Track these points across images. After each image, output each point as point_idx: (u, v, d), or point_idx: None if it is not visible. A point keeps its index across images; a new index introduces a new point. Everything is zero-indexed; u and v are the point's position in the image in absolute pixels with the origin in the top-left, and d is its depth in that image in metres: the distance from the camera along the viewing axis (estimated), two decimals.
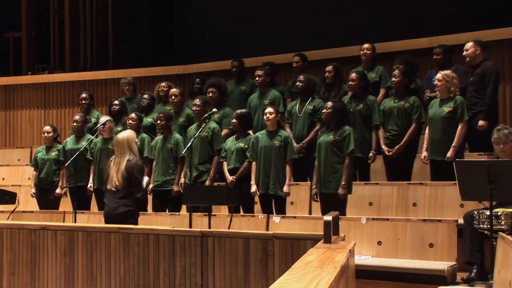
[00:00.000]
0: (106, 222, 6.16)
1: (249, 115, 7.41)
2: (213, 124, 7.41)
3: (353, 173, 7.00)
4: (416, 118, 7.05)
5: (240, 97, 8.57)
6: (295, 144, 7.23)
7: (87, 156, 8.06)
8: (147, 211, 7.60)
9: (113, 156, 6.29)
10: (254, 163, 6.96)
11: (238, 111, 7.30)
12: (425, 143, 6.90)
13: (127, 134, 6.33)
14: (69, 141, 8.37)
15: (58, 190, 8.23)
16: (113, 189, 6.13)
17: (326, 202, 6.53)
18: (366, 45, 7.99)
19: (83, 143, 7.94)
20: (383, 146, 7.17)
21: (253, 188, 6.89)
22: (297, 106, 7.63)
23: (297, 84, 7.65)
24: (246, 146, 7.11)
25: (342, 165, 6.43)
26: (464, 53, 7.19)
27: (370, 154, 7.22)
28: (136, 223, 6.14)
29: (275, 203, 6.95)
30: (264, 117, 6.99)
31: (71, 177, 8.01)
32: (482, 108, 6.97)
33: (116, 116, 8.43)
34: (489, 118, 6.92)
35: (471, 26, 8.19)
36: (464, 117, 6.63)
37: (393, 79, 7.22)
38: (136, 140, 6.39)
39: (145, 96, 8.77)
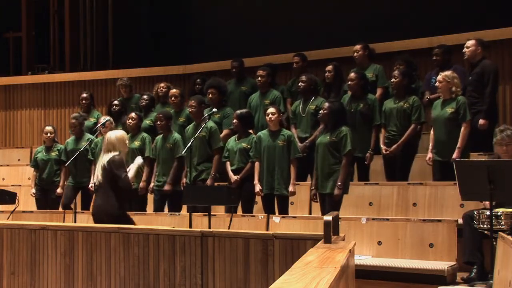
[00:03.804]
0: (94, 221, 6.11)
1: (249, 115, 7.41)
2: (210, 124, 7.41)
3: (351, 174, 7.00)
4: (416, 118, 7.03)
5: (241, 97, 8.56)
6: (298, 144, 7.23)
7: (88, 156, 8.07)
8: (146, 211, 7.61)
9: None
10: (257, 163, 6.96)
11: (238, 111, 7.30)
12: (430, 144, 6.88)
13: (117, 133, 6.27)
14: (69, 142, 8.40)
15: (59, 190, 8.25)
16: (96, 183, 6.14)
17: (323, 202, 6.54)
18: (357, 47, 7.96)
19: (83, 143, 7.95)
20: (382, 146, 7.17)
21: (257, 187, 6.89)
22: (300, 106, 7.64)
23: (299, 84, 7.65)
24: (248, 146, 7.11)
25: (339, 166, 6.44)
26: (464, 50, 7.19)
27: (367, 154, 7.21)
28: (130, 222, 6.11)
29: (278, 203, 6.95)
30: (267, 117, 6.99)
31: (71, 177, 8.04)
32: (482, 108, 6.97)
33: (116, 116, 8.44)
34: (489, 117, 6.91)
35: (471, 26, 8.19)
36: (467, 117, 6.61)
37: (393, 79, 7.20)
38: (127, 142, 6.25)
39: (145, 96, 8.77)
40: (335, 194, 6.37)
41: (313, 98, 7.56)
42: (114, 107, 8.68)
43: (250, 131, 7.39)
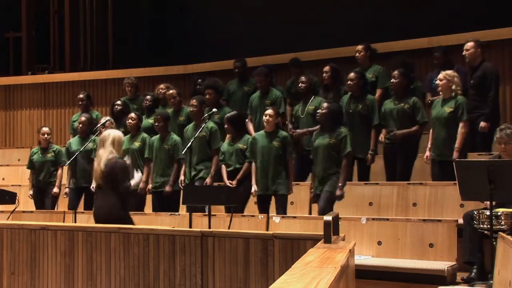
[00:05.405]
0: (96, 223, 6.01)
1: (239, 116, 7.35)
2: (210, 124, 7.41)
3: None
4: (420, 118, 7.02)
5: (243, 97, 8.51)
6: (299, 130, 7.28)
7: (91, 156, 8.01)
8: (143, 211, 7.58)
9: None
10: (253, 164, 6.96)
11: (228, 114, 7.29)
12: (429, 143, 6.89)
13: (114, 132, 6.07)
14: (73, 143, 8.29)
15: (55, 190, 8.23)
16: (95, 185, 6.01)
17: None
18: (359, 47, 7.95)
19: (90, 145, 7.87)
20: (383, 139, 7.15)
21: (253, 188, 6.89)
22: (300, 108, 7.66)
23: (300, 86, 7.65)
24: (245, 147, 7.11)
25: (338, 167, 6.44)
26: (464, 52, 7.18)
27: (368, 155, 7.19)
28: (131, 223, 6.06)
29: (276, 202, 6.94)
30: (264, 118, 6.99)
31: (73, 178, 8.01)
32: (485, 111, 6.97)
33: (118, 117, 8.39)
34: (490, 120, 6.91)
35: (471, 26, 8.19)
36: (464, 117, 6.62)
37: (392, 80, 7.19)
38: (122, 143, 6.08)
39: (148, 97, 8.72)
40: (338, 195, 6.42)
41: (312, 98, 7.56)
42: (116, 107, 8.59)
43: (251, 130, 7.38)
